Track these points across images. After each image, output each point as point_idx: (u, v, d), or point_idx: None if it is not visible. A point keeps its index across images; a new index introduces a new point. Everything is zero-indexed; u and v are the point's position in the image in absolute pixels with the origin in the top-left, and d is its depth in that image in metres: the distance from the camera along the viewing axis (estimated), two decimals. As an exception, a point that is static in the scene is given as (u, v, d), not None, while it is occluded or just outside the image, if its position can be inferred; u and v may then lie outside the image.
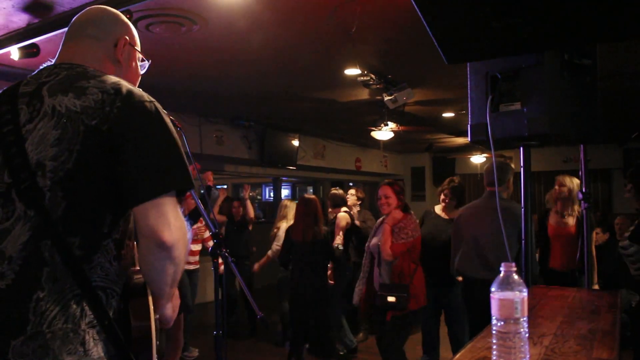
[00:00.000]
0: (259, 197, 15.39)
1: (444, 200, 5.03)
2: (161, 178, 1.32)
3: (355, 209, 6.50)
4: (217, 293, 2.95)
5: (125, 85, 1.40)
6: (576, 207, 4.63)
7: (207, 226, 2.45)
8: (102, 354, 1.30)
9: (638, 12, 1.62)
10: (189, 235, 1.38)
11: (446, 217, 4.99)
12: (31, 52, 3.96)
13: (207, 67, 5.41)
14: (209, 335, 6.50)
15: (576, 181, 4.59)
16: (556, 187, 4.70)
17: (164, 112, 1.41)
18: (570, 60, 2.21)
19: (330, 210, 6.22)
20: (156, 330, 1.45)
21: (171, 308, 1.53)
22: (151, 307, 1.41)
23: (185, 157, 1.39)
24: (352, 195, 6.60)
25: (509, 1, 1.63)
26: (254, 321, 6.70)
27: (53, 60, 1.52)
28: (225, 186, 5.73)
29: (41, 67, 1.49)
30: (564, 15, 1.68)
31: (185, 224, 1.38)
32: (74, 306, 1.28)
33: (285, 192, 13.00)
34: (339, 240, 5.48)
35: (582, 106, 2.26)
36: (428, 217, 5.17)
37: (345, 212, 5.85)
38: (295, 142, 9.43)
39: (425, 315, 5.18)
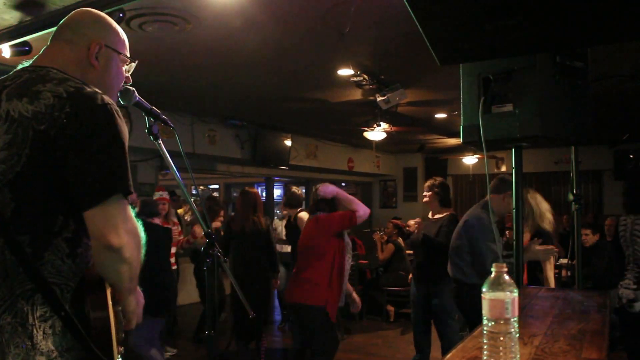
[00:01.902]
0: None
1: (427, 199, 5.06)
2: (104, 183, 1.36)
3: None
4: (212, 293, 2.96)
5: (82, 88, 1.41)
6: (529, 222, 4.68)
7: (200, 226, 2.45)
8: (53, 347, 1.34)
9: (630, 16, 1.63)
10: (141, 234, 1.42)
11: (431, 217, 5.02)
12: (23, 50, 3.94)
13: (200, 67, 5.40)
14: (188, 337, 6.54)
15: (539, 197, 4.59)
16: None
17: (115, 115, 1.41)
18: (562, 63, 2.23)
19: (285, 211, 6.26)
20: (118, 321, 1.48)
21: (134, 301, 1.55)
22: (109, 297, 1.43)
23: (127, 161, 1.41)
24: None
25: (502, 3, 1.64)
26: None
27: (27, 63, 1.54)
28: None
29: (15, 69, 1.52)
30: (556, 18, 1.69)
31: (137, 224, 1.43)
32: (22, 301, 1.33)
33: (277, 192, 12.98)
34: None
35: (573, 108, 2.28)
36: (423, 219, 5.24)
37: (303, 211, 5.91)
38: (288, 142, 9.43)
39: (416, 315, 5.22)
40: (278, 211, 9.47)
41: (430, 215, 5.10)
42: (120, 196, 1.38)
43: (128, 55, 1.67)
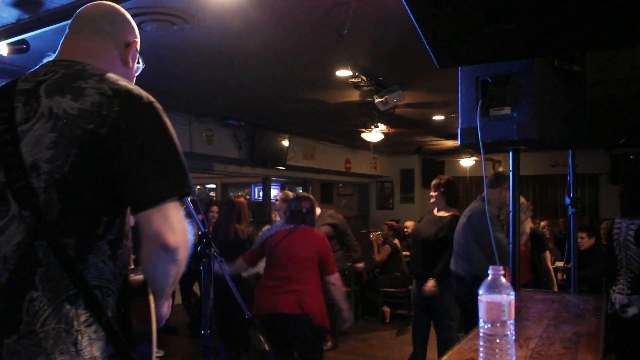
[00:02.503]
0: (247, 197, 15.37)
1: (433, 200, 5.07)
2: (164, 184, 1.33)
3: None
4: (207, 293, 2.96)
5: (124, 85, 1.38)
6: (527, 225, 4.72)
7: (198, 225, 2.44)
8: (97, 354, 1.30)
9: (628, 21, 1.64)
10: (191, 236, 1.41)
11: (436, 214, 5.03)
12: (20, 48, 3.93)
13: (198, 66, 5.40)
14: (178, 336, 6.54)
15: (522, 200, 4.65)
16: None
17: (163, 113, 1.40)
18: (560, 67, 2.24)
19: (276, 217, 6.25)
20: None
21: (167, 306, 1.54)
22: (152, 306, 1.41)
23: (184, 160, 1.39)
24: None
25: (501, 7, 1.64)
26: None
27: (53, 55, 1.49)
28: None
29: (41, 63, 1.46)
30: (555, 22, 1.70)
31: (188, 226, 1.39)
32: (68, 306, 1.28)
33: (274, 192, 12.98)
34: None
35: (571, 112, 2.29)
36: (427, 214, 5.28)
37: None
38: (285, 143, 9.43)
39: (415, 312, 5.24)
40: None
41: (435, 212, 5.10)
42: (177, 197, 1.36)
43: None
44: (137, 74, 1.67)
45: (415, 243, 5.17)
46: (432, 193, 5.05)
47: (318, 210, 6.16)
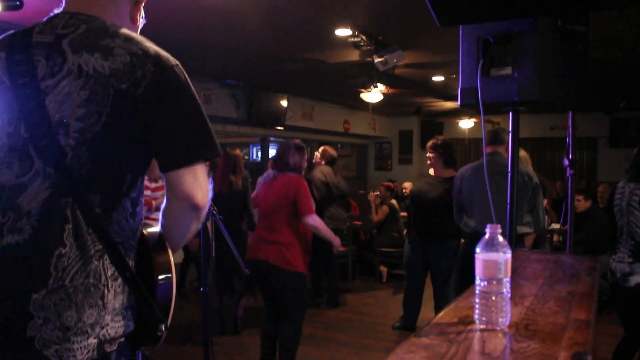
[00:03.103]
0: (246, 157, 15.36)
1: (430, 161, 5.06)
2: (196, 146, 1.38)
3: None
4: (204, 251, 2.99)
5: (151, 46, 1.38)
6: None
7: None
8: (117, 306, 1.35)
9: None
10: (211, 195, 1.46)
11: (436, 175, 5.03)
12: (14, 4, 3.85)
13: (195, 25, 5.32)
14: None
15: (522, 153, 4.62)
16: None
17: (186, 75, 1.41)
18: (563, 27, 2.20)
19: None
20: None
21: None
22: (171, 259, 1.46)
23: (209, 122, 1.42)
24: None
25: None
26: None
27: (61, 7, 1.45)
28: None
29: (52, 15, 1.43)
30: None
31: (210, 186, 1.45)
32: (95, 262, 1.31)
33: (273, 152, 12.97)
34: None
35: (573, 73, 2.27)
36: (420, 177, 5.28)
37: None
38: (284, 103, 9.37)
39: (412, 274, 5.28)
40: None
41: (432, 173, 5.10)
42: (205, 158, 1.41)
43: None
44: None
45: (417, 205, 5.14)
46: (430, 154, 5.02)
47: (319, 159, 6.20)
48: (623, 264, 3.61)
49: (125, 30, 1.40)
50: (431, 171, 5.16)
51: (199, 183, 1.38)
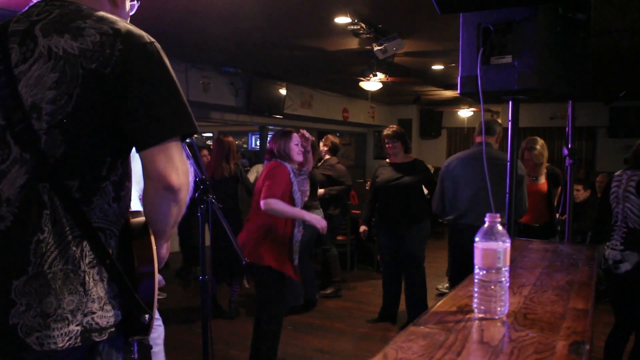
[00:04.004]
0: (245, 146, 15.33)
1: (392, 150, 5.27)
2: (168, 122, 1.33)
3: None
4: (203, 240, 2.99)
5: (124, 24, 1.36)
6: (545, 165, 4.85)
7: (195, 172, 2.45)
8: (102, 294, 1.33)
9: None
10: (191, 178, 1.41)
11: (400, 161, 5.26)
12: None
13: (194, 12, 5.28)
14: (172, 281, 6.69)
15: (541, 141, 4.80)
16: (526, 151, 4.74)
17: (163, 53, 1.38)
18: (564, 15, 2.19)
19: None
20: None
21: (166, 248, 1.56)
22: (154, 247, 1.42)
23: (185, 100, 1.38)
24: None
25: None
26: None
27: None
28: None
29: (31, 4, 1.43)
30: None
31: (189, 167, 1.39)
32: (74, 248, 1.30)
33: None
34: None
35: (573, 62, 2.26)
36: (382, 167, 5.40)
37: None
38: (283, 91, 9.34)
39: (387, 264, 5.33)
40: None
41: (395, 160, 5.31)
42: (179, 137, 1.36)
43: None
44: (132, 13, 1.63)
45: (389, 193, 5.20)
46: (392, 143, 5.24)
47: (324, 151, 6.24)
48: (615, 251, 3.71)
49: (101, 13, 1.38)
50: (391, 158, 5.36)
51: (173, 163, 1.32)
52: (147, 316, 1.36)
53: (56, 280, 1.27)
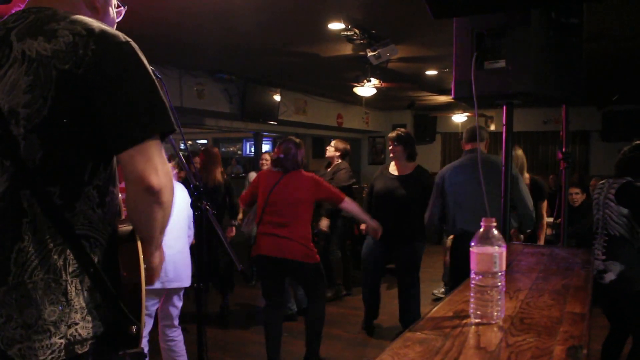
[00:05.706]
0: (239, 152, 15.33)
1: (393, 154, 4.91)
2: (145, 122, 1.27)
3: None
4: (201, 247, 2.97)
5: (98, 25, 1.32)
6: (526, 175, 4.77)
7: (189, 178, 2.43)
8: (84, 304, 1.28)
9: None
10: (174, 178, 1.36)
11: (397, 174, 4.92)
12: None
13: (188, 19, 5.28)
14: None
15: (520, 152, 4.85)
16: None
17: (140, 52, 1.34)
18: (556, 19, 2.20)
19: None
20: (146, 279, 1.41)
21: (158, 257, 1.50)
22: (140, 255, 1.37)
23: (165, 98, 1.34)
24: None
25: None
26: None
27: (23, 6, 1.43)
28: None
29: (10, 13, 1.40)
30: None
31: (171, 169, 1.35)
32: (55, 256, 1.26)
33: (266, 147, 12.94)
34: None
35: (566, 66, 2.26)
36: (381, 175, 5.11)
37: None
38: (277, 97, 9.34)
39: (371, 271, 5.15)
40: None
41: (395, 171, 4.96)
42: (158, 137, 1.30)
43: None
44: (119, 19, 1.61)
45: (384, 204, 4.94)
46: (394, 147, 4.87)
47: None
48: (597, 261, 3.66)
49: (77, 16, 1.35)
50: (392, 166, 5.04)
51: (152, 163, 1.26)
52: (134, 327, 1.32)
53: (37, 291, 1.24)
